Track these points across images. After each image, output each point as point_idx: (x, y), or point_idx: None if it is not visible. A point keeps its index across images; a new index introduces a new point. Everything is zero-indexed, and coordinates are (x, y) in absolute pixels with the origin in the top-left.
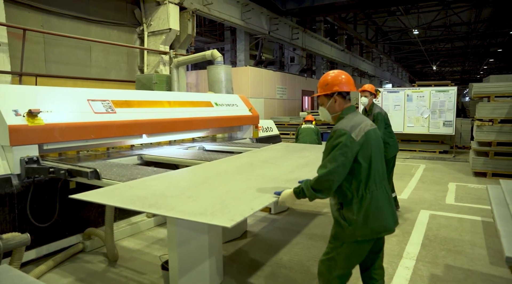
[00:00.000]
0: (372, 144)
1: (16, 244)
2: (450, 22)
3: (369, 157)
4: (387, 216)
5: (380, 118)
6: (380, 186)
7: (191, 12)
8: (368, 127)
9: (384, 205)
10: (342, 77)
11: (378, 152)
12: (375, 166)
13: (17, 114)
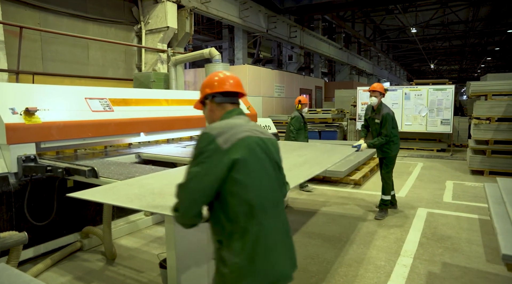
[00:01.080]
0: (256, 156)
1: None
2: (448, 20)
3: (250, 173)
4: (281, 258)
5: (389, 119)
6: (271, 215)
7: (189, 10)
8: (248, 133)
9: (277, 242)
10: (216, 78)
11: (266, 168)
12: (261, 188)
13: (14, 112)
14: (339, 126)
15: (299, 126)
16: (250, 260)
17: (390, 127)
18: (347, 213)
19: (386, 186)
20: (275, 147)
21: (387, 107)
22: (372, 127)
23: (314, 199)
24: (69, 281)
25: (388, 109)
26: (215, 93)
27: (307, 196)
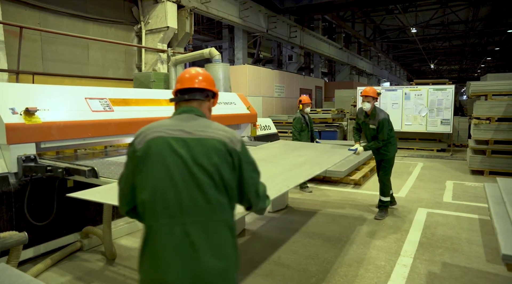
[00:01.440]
0: (160, 157)
1: (13, 243)
2: (448, 20)
3: (148, 174)
4: (171, 268)
5: (386, 124)
6: (166, 220)
7: (189, 10)
8: (160, 133)
9: (169, 250)
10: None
11: (172, 171)
12: (158, 190)
13: (14, 112)
14: (339, 126)
15: (300, 128)
16: (141, 258)
17: (387, 132)
18: (347, 213)
19: (385, 188)
20: (205, 150)
21: (383, 112)
22: (366, 131)
23: (314, 199)
24: (69, 281)
25: (384, 113)
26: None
27: (307, 196)
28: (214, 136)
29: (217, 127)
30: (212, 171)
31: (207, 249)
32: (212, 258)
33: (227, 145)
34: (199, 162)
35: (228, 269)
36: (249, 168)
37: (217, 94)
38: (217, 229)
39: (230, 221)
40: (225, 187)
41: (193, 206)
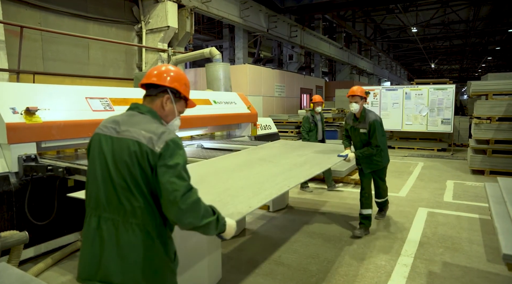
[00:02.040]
0: (93, 153)
1: (14, 242)
2: (449, 20)
3: (88, 167)
4: (83, 258)
5: (378, 126)
6: (90, 213)
7: (189, 9)
8: (98, 130)
9: (86, 241)
10: None
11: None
12: (91, 186)
13: (14, 112)
14: (339, 126)
15: (308, 128)
16: None
17: (380, 136)
18: (348, 212)
19: (383, 192)
20: (121, 150)
21: (373, 113)
22: (356, 138)
23: (314, 199)
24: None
25: (375, 115)
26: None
27: (308, 196)
28: (132, 136)
29: (145, 127)
30: (124, 172)
31: (112, 246)
32: (115, 256)
33: (142, 146)
34: (115, 161)
35: (130, 270)
36: (167, 172)
37: (182, 91)
38: (129, 230)
39: (147, 225)
40: (140, 189)
41: (108, 203)
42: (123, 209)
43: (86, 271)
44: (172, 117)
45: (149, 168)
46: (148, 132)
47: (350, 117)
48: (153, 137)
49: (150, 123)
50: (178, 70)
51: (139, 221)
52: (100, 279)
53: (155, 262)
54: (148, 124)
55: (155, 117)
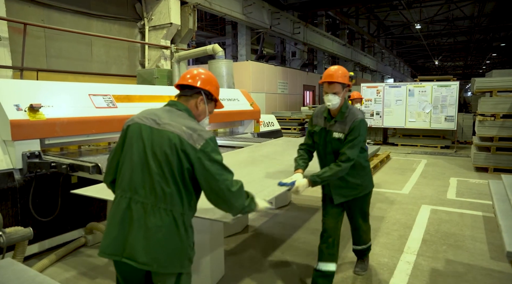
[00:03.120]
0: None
1: (19, 238)
2: (453, 16)
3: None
4: (109, 235)
5: (362, 130)
6: (120, 194)
7: (192, 6)
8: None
9: (113, 219)
10: None
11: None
12: (125, 169)
13: (18, 109)
14: None
15: None
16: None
17: (359, 145)
18: None
19: (364, 235)
20: (161, 141)
21: (359, 111)
22: (324, 147)
23: (317, 196)
24: (74, 277)
25: (361, 113)
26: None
27: (310, 193)
28: (173, 130)
29: (185, 123)
30: (162, 160)
31: (140, 227)
32: (141, 236)
33: (182, 140)
34: (154, 150)
35: (153, 251)
36: (213, 165)
37: (213, 93)
38: (156, 214)
39: (175, 211)
40: (174, 178)
41: (141, 187)
42: (155, 193)
43: (112, 247)
44: (203, 116)
45: (186, 160)
46: (188, 129)
47: (320, 114)
48: (193, 134)
49: (188, 121)
50: (210, 73)
51: (167, 207)
52: (126, 256)
53: (177, 246)
54: (187, 121)
55: (191, 115)
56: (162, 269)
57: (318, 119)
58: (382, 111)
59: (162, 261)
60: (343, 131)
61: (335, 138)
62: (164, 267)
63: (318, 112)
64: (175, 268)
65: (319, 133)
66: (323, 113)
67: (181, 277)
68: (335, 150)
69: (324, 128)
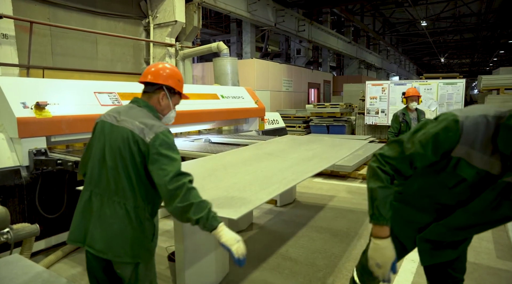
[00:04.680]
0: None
1: (26, 235)
2: (459, 13)
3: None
4: (74, 224)
5: None
6: (85, 187)
7: (197, 4)
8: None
9: (76, 210)
10: None
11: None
12: (90, 164)
13: (25, 106)
14: (347, 120)
15: (397, 129)
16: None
17: None
18: (355, 207)
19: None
20: (117, 137)
21: None
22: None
23: (322, 194)
24: (80, 273)
25: None
26: None
27: (315, 191)
28: (127, 126)
29: (141, 119)
30: (116, 155)
31: (98, 217)
32: (99, 226)
33: (134, 135)
34: (111, 145)
35: (108, 240)
36: (158, 160)
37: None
38: (111, 206)
39: (128, 204)
40: (127, 172)
41: (99, 181)
42: (109, 187)
43: (76, 235)
44: (168, 110)
45: (138, 155)
46: (141, 124)
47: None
48: (145, 129)
49: (145, 116)
50: (172, 67)
51: (121, 200)
52: (87, 244)
53: (130, 237)
54: (144, 117)
55: (151, 111)
56: (117, 258)
57: (473, 150)
58: (387, 109)
59: (117, 251)
60: None
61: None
62: (119, 256)
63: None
64: (130, 258)
65: (471, 182)
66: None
67: (138, 266)
68: (501, 215)
69: (491, 176)
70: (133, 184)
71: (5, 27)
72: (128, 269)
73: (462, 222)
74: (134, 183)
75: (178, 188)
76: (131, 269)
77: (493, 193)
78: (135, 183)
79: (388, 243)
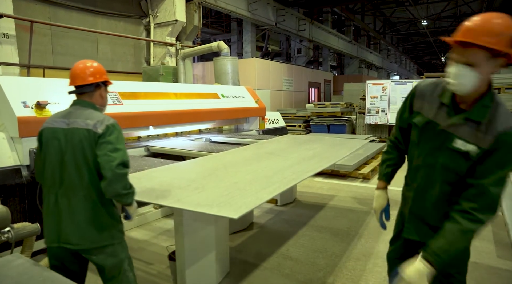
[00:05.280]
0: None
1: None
2: (460, 12)
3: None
4: (47, 228)
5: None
6: (48, 191)
7: (197, 3)
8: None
9: (46, 214)
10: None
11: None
12: (47, 169)
13: (25, 106)
14: (348, 120)
15: None
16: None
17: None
18: (356, 207)
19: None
20: (76, 136)
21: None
22: (429, 156)
23: (322, 193)
24: None
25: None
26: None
27: (316, 190)
28: (81, 125)
29: (90, 117)
30: (77, 154)
31: (67, 214)
32: (70, 222)
33: (89, 131)
34: (68, 146)
35: (82, 232)
36: (105, 147)
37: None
38: (78, 201)
39: (93, 196)
40: (88, 167)
41: (62, 181)
42: (74, 184)
43: (51, 238)
44: (106, 100)
45: (95, 147)
46: (92, 120)
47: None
48: (97, 123)
49: (93, 114)
50: (94, 62)
51: (86, 193)
52: (62, 242)
53: (102, 223)
54: (91, 114)
55: (94, 108)
56: (95, 244)
57: (425, 102)
58: (387, 109)
59: (93, 238)
60: (477, 142)
61: (456, 150)
62: (96, 242)
63: (428, 88)
64: (106, 241)
65: (421, 128)
66: (439, 95)
67: (114, 246)
68: (448, 169)
69: (435, 124)
70: (95, 177)
71: (5, 27)
72: (105, 251)
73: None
74: (96, 175)
75: (123, 175)
76: (107, 251)
77: (438, 139)
78: (96, 175)
79: (380, 193)
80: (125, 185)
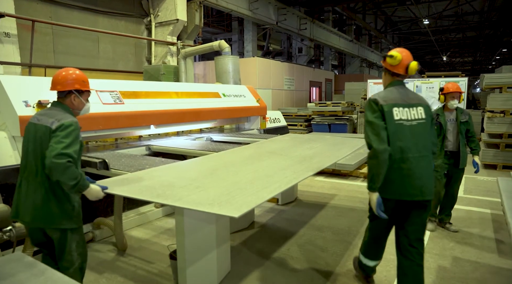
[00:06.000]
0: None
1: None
2: (462, 11)
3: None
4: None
5: None
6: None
7: (198, 2)
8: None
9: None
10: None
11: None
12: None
13: (27, 105)
14: (349, 119)
15: None
16: None
17: None
18: (357, 206)
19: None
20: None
21: None
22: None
23: (323, 192)
24: None
25: None
26: None
27: (317, 189)
28: (44, 123)
29: (54, 115)
30: (37, 145)
31: (26, 197)
32: (27, 203)
33: (47, 127)
34: (34, 139)
35: (34, 213)
36: (53, 140)
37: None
38: (35, 186)
39: (45, 183)
40: (43, 157)
41: (26, 168)
42: (33, 171)
43: (13, 213)
44: (82, 105)
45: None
46: (52, 118)
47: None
48: (55, 121)
49: (59, 114)
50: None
51: (41, 180)
52: (20, 218)
53: (51, 209)
54: (57, 114)
55: (65, 109)
56: (45, 225)
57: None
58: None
59: (43, 220)
60: None
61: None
62: (46, 224)
63: None
64: (57, 225)
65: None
66: None
67: (67, 232)
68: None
69: None
70: None
71: (7, 26)
72: (57, 234)
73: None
74: None
75: (61, 165)
76: (59, 234)
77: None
78: None
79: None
80: (70, 176)
